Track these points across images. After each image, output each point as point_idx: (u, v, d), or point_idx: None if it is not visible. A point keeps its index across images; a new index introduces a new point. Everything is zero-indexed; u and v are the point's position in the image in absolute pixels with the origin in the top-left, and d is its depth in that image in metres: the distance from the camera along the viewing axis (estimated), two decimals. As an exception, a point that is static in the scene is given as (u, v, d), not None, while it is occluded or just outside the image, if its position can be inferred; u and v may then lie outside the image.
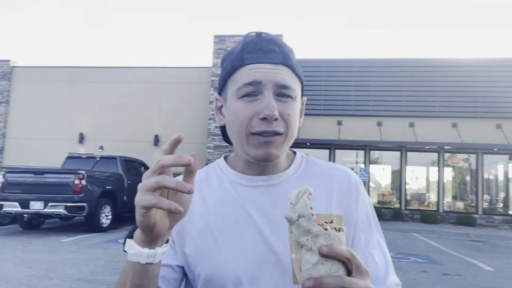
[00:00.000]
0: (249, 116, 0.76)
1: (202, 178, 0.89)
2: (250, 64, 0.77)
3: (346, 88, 16.13)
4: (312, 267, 0.55)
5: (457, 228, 13.76)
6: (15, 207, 8.90)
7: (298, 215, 0.56)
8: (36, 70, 18.30)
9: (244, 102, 0.77)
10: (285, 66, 0.78)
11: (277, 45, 0.78)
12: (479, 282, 5.95)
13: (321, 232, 0.55)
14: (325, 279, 0.54)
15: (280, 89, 0.77)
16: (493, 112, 15.24)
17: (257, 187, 0.84)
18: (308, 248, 0.55)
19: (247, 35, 0.80)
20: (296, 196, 0.58)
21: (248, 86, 0.76)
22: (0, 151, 17.83)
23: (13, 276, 5.23)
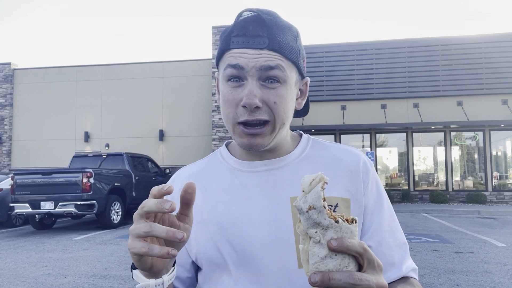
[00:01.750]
0: (235, 103, 0.75)
1: (203, 168, 0.88)
2: (235, 49, 0.75)
3: (349, 73, 16.02)
4: (320, 261, 0.51)
5: (467, 206, 13.74)
6: (26, 208, 9.00)
7: (309, 207, 0.52)
8: (37, 72, 18.34)
9: (230, 87, 0.76)
10: (272, 51, 0.74)
11: (266, 27, 0.74)
12: (491, 258, 5.95)
13: (332, 224, 0.52)
14: (334, 274, 0.50)
15: (265, 72, 0.73)
16: (498, 88, 15.08)
17: (258, 172, 0.82)
18: (316, 241, 0.52)
19: (240, 14, 0.76)
20: (309, 184, 0.53)
21: (230, 69, 0.74)
22: (8, 154, 17.97)
23: (29, 275, 5.31)
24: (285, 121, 0.78)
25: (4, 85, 18.16)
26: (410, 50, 15.81)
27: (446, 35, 15.85)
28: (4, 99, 18.11)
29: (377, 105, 15.70)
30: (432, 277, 4.96)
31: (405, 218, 11.02)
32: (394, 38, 16.42)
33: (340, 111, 15.86)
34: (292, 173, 0.81)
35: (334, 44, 16.48)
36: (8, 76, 18.18)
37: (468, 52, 15.42)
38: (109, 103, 17.46)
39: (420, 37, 16.04)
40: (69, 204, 8.87)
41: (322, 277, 0.50)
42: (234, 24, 0.76)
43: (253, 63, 0.73)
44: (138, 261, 0.60)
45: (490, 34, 15.60)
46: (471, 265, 5.55)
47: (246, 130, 0.75)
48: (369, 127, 15.39)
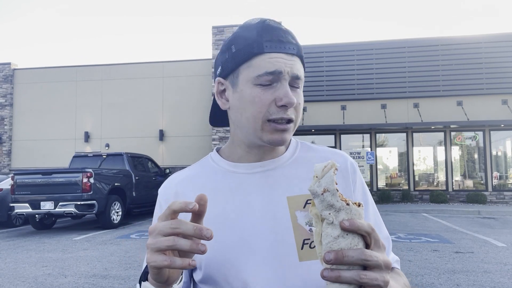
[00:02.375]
0: (268, 102, 0.78)
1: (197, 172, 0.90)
2: (270, 53, 0.78)
3: (349, 73, 16.02)
4: (333, 240, 0.55)
5: (467, 206, 13.74)
6: (26, 208, 9.01)
7: (324, 189, 0.56)
8: (37, 72, 18.34)
9: (261, 88, 0.78)
10: (298, 57, 0.82)
11: (291, 36, 0.81)
12: (492, 258, 5.95)
13: (344, 207, 0.56)
14: (347, 252, 0.54)
15: (294, 80, 0.80)
16: (498, 88, 15.09)
17: (254, 174, 0.85)
18: (329, 222, 0.56)
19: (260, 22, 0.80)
20: (322, 170, 0.57)
21: (269, 75, 0.78)
22: (8, 154, 17.97)
23: (29, 275, 5.31)
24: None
25: (4, 85, 18.16)
26: (410, 50, 15.81)
27: (446, 35, 15.86)
28: (4, 99, 18.11)
29: (377, 105, 15.70)
30: (432, 277, 4.96)
31: (405, 218, 11.02)
32: (394, 38, 16.42)
33: (340, 111, 15.86)
34: (285, 174, 0.85)
35: (334, 44, 16.48)
36: (8, 76, 18.18)
37: (468, 52, 15.42)
38: (109, 103, 17.46)
39: (420, 37, 16.04)
40: (69, 204, 8.87)
41: (336, 255, 0.53)
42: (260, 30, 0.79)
43: (288, 68, 0.79)
44: (157, 274, 0.62)
45: (490, 34, 15.60)
46: (471, 265, 5.55)
47: (279, 127, 0.80)
48: (369, 127, 15.39)
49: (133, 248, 7.03)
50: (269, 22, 0.81)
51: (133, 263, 5.89)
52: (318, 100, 15.93)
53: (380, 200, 14.95)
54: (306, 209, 0.80)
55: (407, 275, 5.04)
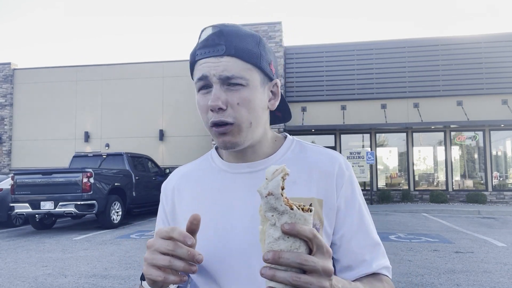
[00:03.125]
0: (206, 108, 0.81)
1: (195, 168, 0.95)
2: (199, 60, 0.81)
3: (349, 72, 16.02)
4: (274, 241, 0.57)
5: (467, 206, 13.74)
6: (26, 208, 9.01)
7: (268, 193, 0.58)
8: (37, 72, 18.34)
9: (201, 95, 0.82)
10: (229, 56, 0.79)
11: (223, 36, 0.80)
12: (492, 258, 5.95)
13: (287, 211, 0.57)
14: (284, 253, 0.56)
15: (226, 81, 0.79)
16: (498, 88, 15.09)
17: (242, 174, 0.87)
18: (272, 224, 0.58)
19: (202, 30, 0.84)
20: (272, 173, 0.59)
21: (199, 81, 0.81)
22: (8, 153, 17.97)
23: (29, 275, 5.31)
24: (252, 121, 0.82)
25: (4, 85, 18.16)
26: (410, 50, 15.81)
27: (446, 35, 15.86)
28: (4, 99, 18.11)
29: (377, 105, 15.70)
30: (432, 277, 4.96)
31: (405, 218, 11.02)
32: (394, 38, 16.42)
33: (340, 111, 15.86)
34: None
35: (334, 44, 16.48)
36: (8, 76, 18.18)
37: (468, 52, 15.42)
38: (109, 103, 17.46)
39: (420, 37, 16.04)
40: (69, 204, 8.87)
41: (273, 255, 0.56)
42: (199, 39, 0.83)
43: (214, 71, 0.79)
44: (151, 284, 0.68)
45: (490, 34, 15.60)
46: (471, 265, 5.55)
47: (216, 130, 0.81)
48: (369, 127, 15.39)
49: (133, 248, 7.03)
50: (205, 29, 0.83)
51: (133, 263, 5.89)
52: (318, 100, 15.93)
53: (380, 200, 14.95)
54: None
55: (407, 275, 5.04)
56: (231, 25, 0.83)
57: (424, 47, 15.71)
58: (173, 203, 0.91)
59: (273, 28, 16.02)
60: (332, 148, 17.01)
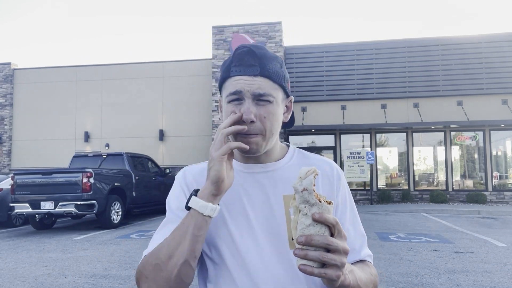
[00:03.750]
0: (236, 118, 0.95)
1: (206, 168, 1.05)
2: (234, 76, 0.95)
3: (349, 72, 16.02)
4: (305, 227, 0.73)
5: (467, 206, 13.74)
6: (26, 208, 9.00)
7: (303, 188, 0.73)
8: (37, 72, 18.34)
9: (232, 106, 0.95)
10: (262, 77, 0.94)
11: (258, 58, 0.95)
12: (492, 258, 5.95)
13: (317, 203, 0.73)
14: (314, 237, 0.73)
15: (257, 97, 0.94)
16: (498, 88, 15.09)
17: (257, 173, 1.02)
18: (304, 213, 0.73)
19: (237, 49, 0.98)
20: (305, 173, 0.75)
21: (233, 95, 0.95)
22: (8, 154, 17.97)
23: (29, 275, 5.31)
24: (274, 132, 0.98)
25: (4, 85, 18.16)
26: (410, 50, 15.81)
27: (446, 35, 15.85)
28: (4, 99, 18.11)
29: (377, 105, 15.70)
30: (432, 277, 4.96)
31: (405, 218, 11.02)
32: (394, 38, 16.42)
33: (340, 111, 15.85)
34: (282, 176, 1.02)
35: (334, 44, 16.48)
36: (8, 76, 18.18)
37: (468, 52, 15.42)
38: (109, 103, 17.46)
39: (420, 37, 16.04)
40: (69, 204, 8.86)
41: (306, 238, 0.73)
42: (233, 57, 0.97)
43: (248, 88, 0.93)
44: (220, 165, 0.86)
45: (490, 34, 15.60)
46: (471, 265, 5.55)
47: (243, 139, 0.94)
48: (369, 127, 15.39)
49: (133, 248, 7.03)
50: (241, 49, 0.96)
51: (133, 263, 5.89)
52: (318, 100, 15.93)
53: (380, 200, 14.95)
54: None
55: (407, 275, 5.04)
56: (260, 47, 0.98)
57: (424, 47, 15.71)
58: None
59: (273, 28, 16.02)
60: (332, 148, 17.01)
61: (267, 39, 16.00)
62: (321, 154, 16.54)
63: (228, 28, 16.30)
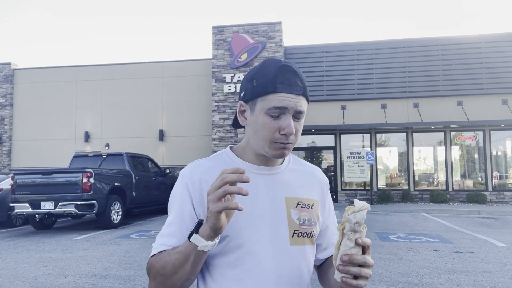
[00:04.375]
0: (274, 130, 1.03)
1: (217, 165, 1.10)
2: (281, 93, 1.01)
3: (349, 72, 16.02)
4: (349, 249, 0.89)
5: (467, 206, 13.74)
6: (26, 208, 9.00)
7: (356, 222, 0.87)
8: (37, 72, 18.34)
9: (270, 118, 1.03)
10: (303, 96, 1.04)
11: (299, 78, 1.04)
12: (492, 258, 5.95)
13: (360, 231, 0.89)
14: (355, 256, 0.89)
15: (297, 114, 1.04)
16: (498, 88, 15.09)
17: (263, 175, 1.10)
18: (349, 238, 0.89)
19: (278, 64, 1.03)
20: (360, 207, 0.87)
21: (277, 109, 1.01)
22: (8, 154, 17.97)
23: (29, 275, 5.31)
24: None
25: (4, 85, 18.16)
26: (410, 50, 15.81)
27: (446, 35, 15.85)
28: (4, 99, 18.11)
29: (377, 105, 15.70)
30: (432, 277, 4.96)
31: (405, 218, 11.02)
32: (394, 38, 16.42)
33: (340, 111, 15.85)
34: (284, 179, 1.12)
35: (334, 44, 16.48)
36: (8, 76, 18.18)
37: (468, 52, 15.42)
38: (109, 103, 17.46)
39: (420, 37, 16.04)
40: (69, 204, 8.86)
41: (350, 258, 0.88)
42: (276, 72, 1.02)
43: (293, 105, 1.02)
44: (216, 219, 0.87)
45: (490, 34, 15.61)
46: (471, 265, 5.55)
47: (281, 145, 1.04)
48: (369, 127, 15.39)
49: (133, 248, 7.03)
50: (284, 66, 1.03)
51: (133, 263, 5.89)
52: (318, 100, 15.92)
53: (380, 200, 14.94)
54: (297, 209, 1.09)
55: (407, 275, 5.04)
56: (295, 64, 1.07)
57: (424, 47, 15.71)
58: (201, 192, 1.05)
59: (273, 28, 16.02)
60: (332, 148, 16.98)
61: (267, 39, 15.99)
62: (321, 154, 16.57)
63: (228, 28, 16.30)
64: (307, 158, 16.34)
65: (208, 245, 0.91)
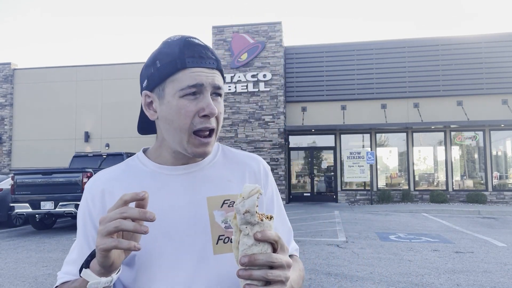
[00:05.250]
0: (192, 113, 0.86)
1: (123, 172, 0.95)
2: (192, 68, 0.86)
3: (349, 72, 16.02)
4: (248, 248, 0.69)
5: (467, 206, 13.74)
6: (26, 208, 9.00)
7: (246, 210, 0.68)
8: (37, 72, 18.34)
9: (186, 100, 0.86)
10: (217, 70, 0.89)
11: (210, 51, 0.89)
12: (492, 258, 5.95)
13: (259, 223, 0.69)
14: (257, 256, 0.68)
15: (215, 90, 0.88)
16: (498, 88, 15.09)
17: (178, 175, 0.93)
18: (246, 234, 0.69)
19: (181, 39, 0.88)
20: (249, 192, 0.69)
21: (192, 88, 0.85)
22: (8, 154, 17.96)
23: (29, 275, 5.31)
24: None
25: (4, 85, 18.16)
26: (410, 50, 15.81)
27: (446, 35, 15.85)
28: (4, 99, 18.11)
29: (377, 105, 15.70)
30: (432, 277, 4.96)
31: (405, 218, 11.02)
32: (394, 38, 16.43)
33: (340, 111, 15.85)
34: (206, 176, 0.94)
35: (334, 44, 16.48)
36: (8, 76, 18.18)
37: (468, 52, 15.42)
38: (109, 103, 17.46)
39: (420, 37, 16.04)
40: (69, 204, 8.86)
41: (249, 259, 0.68)
42: (181, 47, 0.86)
43: (210, 80, 0.86)
44: (103, 257, 0.70)
45: (490, 34, 15.60)
46: (471, 265, 5.55)
47: (203, 140, 0.87)
48: (369, 127, 15.39)
49: (133, 248, 7.03)
50: (190, 39, 0.88)
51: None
52: (318, 100, 15.93)
53: (380, 200, 14.94)
54: (223, 209, 0.90)
55: (407, 275, 5.04)
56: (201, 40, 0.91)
57: (424, 47, 15.71)
58: (104, 206, 0.89)
59: (273, 28, 16.02)
60: (332, 148, 16.96)
61: (267, 39, 15.99)
62: (321, 154, 16.56)
63: (228, 28, 16.30)
64: (307, 158, 16.35)
65: (101, 282, 0.73)
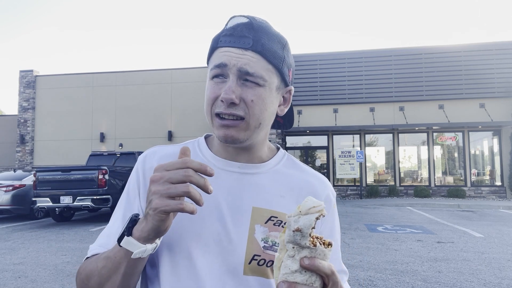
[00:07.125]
0: (214, 97, 0.70)
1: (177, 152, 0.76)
2: (222, 47, 0.70)
3: (341, 78, 16.01)
4: (290, 273, 0.51)
5: (448, 200, 13.73)
6: (47, 202, 8.99)
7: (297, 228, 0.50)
8: (57, 78, 18.32)
9: (213, 83, 0.71)
10: (254, 52, 0.69)
11: (253, 30, 0.70)
12: (470, 248, 5.94)
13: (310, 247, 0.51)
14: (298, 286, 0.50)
15: (243, 75, 0.69)
16: (476, 93, 15.08)
17: (231, 173, 0.75)
18: (291, 255, 0.51)
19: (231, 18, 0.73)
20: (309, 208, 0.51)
21: (216, 69, 0.70)
22: (30, 153, 17.95)
23: (50, 263, 5.30)
24: (262, 122, 0.72)
25: (27, 90, 18.14)
26: (396, 58, 15.79)
27: (429, 45, 15.84)
28: (27, 103, 18.09)
29: (366, 108, 15.69)
30: (416, 264, 4.95)
31: (391, 211, 11.01)
32: (381, 47, 16.44)
33: (333, 113, 15.84)
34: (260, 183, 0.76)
35: (327, 52, 16.47)
36: (31, 82, 18.17)
37: (448, 60, 15.40)
38: (123, 106, 17.44)
39: (405, 47, 16.03)
40: (86, 198, 8.85)
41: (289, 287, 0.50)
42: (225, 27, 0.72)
43: (235, 61, 0.68)
44: (160, 221, 0.57)
45: (468, 44, 15.59)
46: (452, 254, 5.54)
47: (221, 122, 0.70)
48: (359, 128, 15.38)
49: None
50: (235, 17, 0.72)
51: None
52: (312, 104, 15.91)
53: (368, 195, 14.94)
54: (267, 225, 0.71)
55: (393, 263, 5.04)
56: (262, 20, 0.72)
57: (408, 56, 15.69)
58: None
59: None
60: (325, 148, 16.89)
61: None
62: (315, 153, 16.54)
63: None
64: (302, 157, 16.33)
65: (146, 250, 0.61)
